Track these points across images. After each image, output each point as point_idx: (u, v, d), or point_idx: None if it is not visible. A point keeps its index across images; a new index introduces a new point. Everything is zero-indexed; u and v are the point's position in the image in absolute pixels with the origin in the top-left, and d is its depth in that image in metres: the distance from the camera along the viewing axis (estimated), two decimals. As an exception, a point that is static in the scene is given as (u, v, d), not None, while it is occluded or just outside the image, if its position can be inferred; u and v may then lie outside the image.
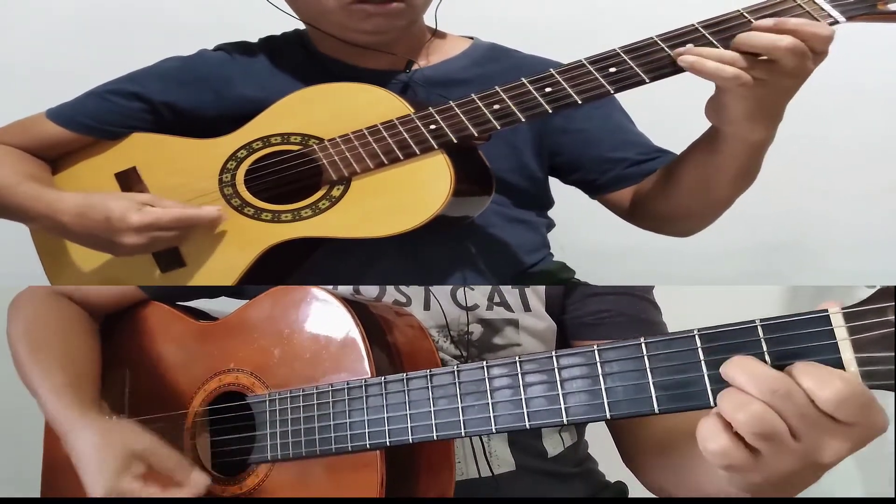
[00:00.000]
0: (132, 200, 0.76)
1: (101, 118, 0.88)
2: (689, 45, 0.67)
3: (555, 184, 0.95)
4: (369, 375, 0.65)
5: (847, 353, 0.43)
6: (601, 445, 0.86)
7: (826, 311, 0.44)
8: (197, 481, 0.67)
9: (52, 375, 0.75)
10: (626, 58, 0.69)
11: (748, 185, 0.80)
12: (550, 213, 0.96)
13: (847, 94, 1.30)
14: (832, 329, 0.44)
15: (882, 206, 1.40)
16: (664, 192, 0.84)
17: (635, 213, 0.90)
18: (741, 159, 0.74)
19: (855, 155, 1.37)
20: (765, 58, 0.64)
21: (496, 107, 0.73)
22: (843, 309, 0.43)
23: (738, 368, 0.45)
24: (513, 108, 0.72)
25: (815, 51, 0.64)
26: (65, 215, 0.78)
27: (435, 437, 0.58)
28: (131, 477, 0.65)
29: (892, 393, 0.43)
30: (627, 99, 0.83)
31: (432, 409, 0.58)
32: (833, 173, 1.37)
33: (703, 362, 0.48)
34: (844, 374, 0.43)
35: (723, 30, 0.67)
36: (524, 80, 0.73)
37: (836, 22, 0.66)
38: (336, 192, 0.77)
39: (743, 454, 0.44)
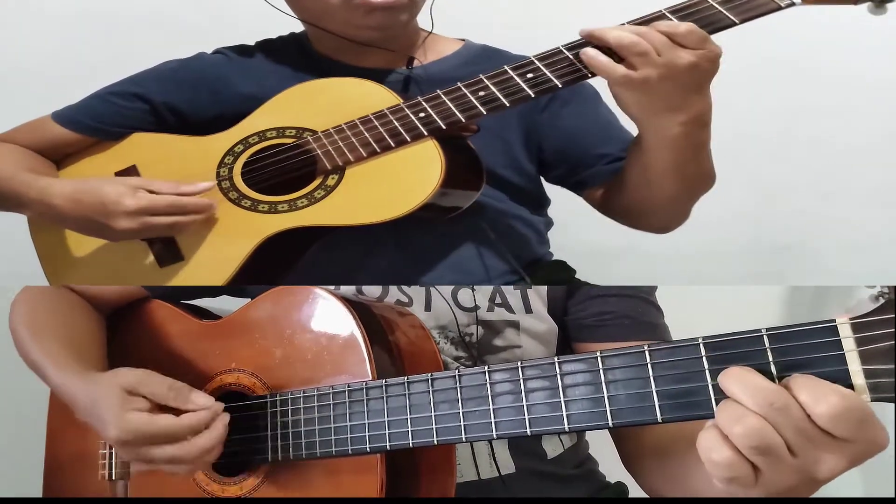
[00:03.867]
0: (125, 185, 0.77)
1: (104, 119, 0.89)
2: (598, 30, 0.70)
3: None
4: (370, 377, 0.65)
5: (854, 365, 0.43)
6: (601, 446, 0.86)
7: (833, 321, 0.43)
8: (198, 401, 0.66)
9: (54, 350, 0.75)
10: (600, 44, 0.71)
11: (701, 182, 0.81)
12: (550, 211, 0.96)
13: (849, 95, 1.30)
14: (839, 340, 0.43)
15: (882, 206, 1.40)
16: (619, 190, 0.86)
17: (606, 210, 0.92)
18: (666, 156, 0.76)
19: (856, 155, 1.37)
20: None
21: (482, 93, 0.75)
22: (850, 319, 0.43)
23: (735, 380, 0.45)
24: (497, 93, 0.74)
25: (685, 45, 0.67)
26: (57, 199, 0.78)
27: (435, 442, 0.58)
28: (135, 412, 0.64)
29: (894, 405, 0.42)
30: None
31: (433, 413, 0.58)
32: (834, 174, 1.37)
33: (707, 371, 0.47)
34: (842, 389, 0.43)
35: (688, 14, 0.70)
36: (507, 68, 0.75)
37: (793, 4, 0.69)
38: (331, 182, 0.78)
39: (746, 468, 0.44)
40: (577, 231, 1.07)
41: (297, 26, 0.93)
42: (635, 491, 0.82)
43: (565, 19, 1.24)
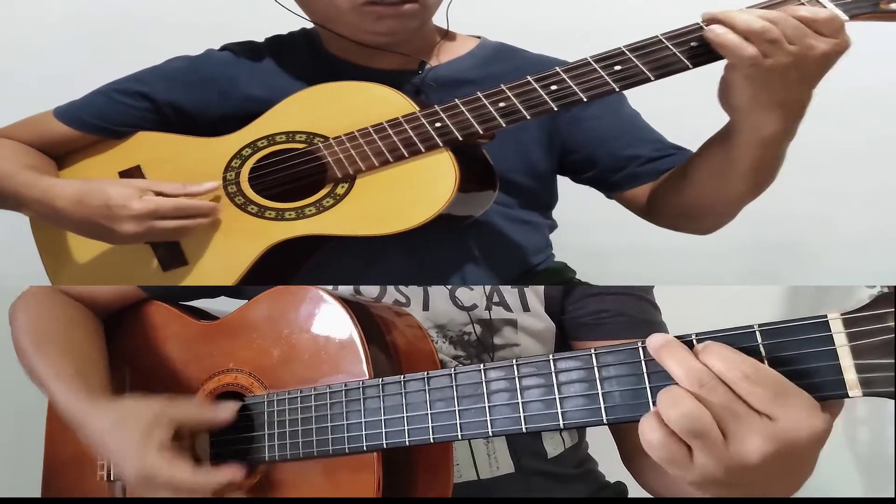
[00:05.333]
0: (131, 187, 0.76)
1: (107, 117, 0.88)
2: (722, 13, 0.66)
3: (559, 182, 0.95)
4: (367, 377, 0.65)
5: (846, 360, 0.43)
6: (601, 446, 0.86)
7: (825, 316, 0.43)
8: (224, 414, 0.66)
9: (59, 366, 0.75)
10: (630, 56, 0.70)
11: (767, 183, 0.78)
12: (553, 212, 0.95)
13: (847, 95, 1.29)
14: (831, 335, 0.43)
15: (882, 206, 1.39)
16: (680, 189, 0.83)
17: (652, 211, 0.88)
18: (755, 154, 0.72)
19: (855, 155, 1.37)
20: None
21: (502, 105, 0.73)
22: (842, 315, 0.43)
23: (670, 356, 0.46)
24: (518, 105, 0.72)
25: (822, 33, 0.64)
26: (60, 201, 0.77)
27: (432, 440, 0.58)
28: (157, 448, 0.63)
29: (893, 400, 0.42)
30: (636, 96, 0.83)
31: (429, 411, 0.58)
32: (833, 174, 1.37)
33: (701, 367, 0.47)
34: (757, 362, 0.44)
35: None
36: (530, 79, 0.73)
37: None
38: (340, 190, 0.77)
39: (678, 448, 0.44)
40: (578, 231, 1.07)
41: (307, 23, 0.91)
42: (635, 491, 0.82)
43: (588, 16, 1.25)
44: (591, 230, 1.16)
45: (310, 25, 0.91)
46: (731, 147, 0.73)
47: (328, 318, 0.69)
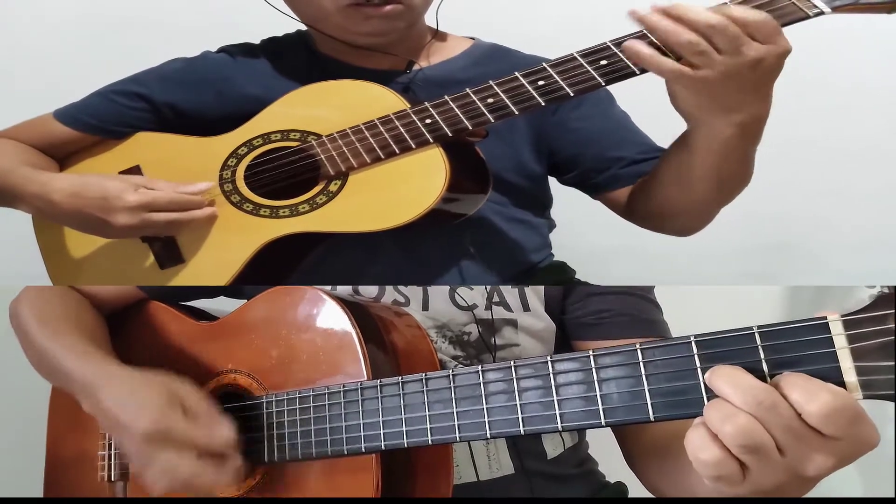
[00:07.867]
0: (127, 181, 0.77)
1: (106, 118, 0.89)
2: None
3: (555, 183, 0.95)
4: (365, 377, 0.65)
5: (846, 362, 0.42)
6: (602, 446, 0.86)
7: (825, 318, 0.43)
8: (223, 433, 0.64)
9: (69, 340, 0.75)
10: (616, 50, 0.70)
11: (736, 187, 0.79)
12: (551, 212, 0.95)
13: (847, 95, 1.30)
14: (831, 337, 0.43)
15: (882, 206, 1.39)
16: (649, 191, 0.83)
17: (630, 212, 0.89)
18: (713, 158, 0.72)
19: (855, 155, 1.37)
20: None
21: (490, 100, 0.74)
22: (842, 316, 0.43)
23: (724, 379, 0.45)
24: (506, 101, 0.73)
25: (755, 38, 0.62)
26: (57, 194, 0.77)
27: (430, 442, 0.58)
28: (176, 414, 0.63)
29: (893, 403, 0.42)
30: (632, 94, 0.83)
31: (427, 413, 0.58)
32: (833, 174, 1.37)
33: (699, 369, 0.47)
34: (833, 387, 0.42)
35: None
36: (517, 74, 0.74)
37: (822, 13, 0.66)
38: (333, 187, 0.77)
39: (733, 466, 0.44)
40: (577, 231, 1.07)
41: (301, 25, 0.92)
42: (635, 491, 0.82)
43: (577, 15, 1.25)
44: (591, 230, 1.15)
45: (304, 27, 0.92)
46: (689, 151, 0.74)
47: (326, 319, 0.69)
